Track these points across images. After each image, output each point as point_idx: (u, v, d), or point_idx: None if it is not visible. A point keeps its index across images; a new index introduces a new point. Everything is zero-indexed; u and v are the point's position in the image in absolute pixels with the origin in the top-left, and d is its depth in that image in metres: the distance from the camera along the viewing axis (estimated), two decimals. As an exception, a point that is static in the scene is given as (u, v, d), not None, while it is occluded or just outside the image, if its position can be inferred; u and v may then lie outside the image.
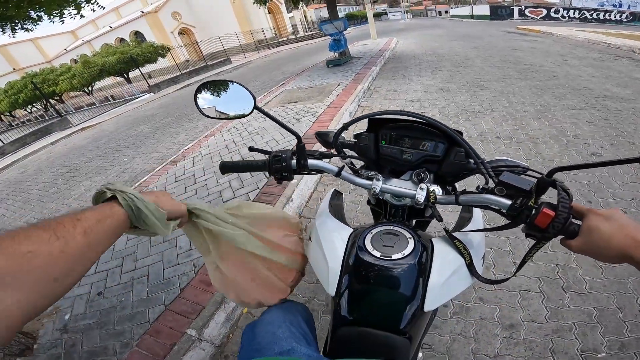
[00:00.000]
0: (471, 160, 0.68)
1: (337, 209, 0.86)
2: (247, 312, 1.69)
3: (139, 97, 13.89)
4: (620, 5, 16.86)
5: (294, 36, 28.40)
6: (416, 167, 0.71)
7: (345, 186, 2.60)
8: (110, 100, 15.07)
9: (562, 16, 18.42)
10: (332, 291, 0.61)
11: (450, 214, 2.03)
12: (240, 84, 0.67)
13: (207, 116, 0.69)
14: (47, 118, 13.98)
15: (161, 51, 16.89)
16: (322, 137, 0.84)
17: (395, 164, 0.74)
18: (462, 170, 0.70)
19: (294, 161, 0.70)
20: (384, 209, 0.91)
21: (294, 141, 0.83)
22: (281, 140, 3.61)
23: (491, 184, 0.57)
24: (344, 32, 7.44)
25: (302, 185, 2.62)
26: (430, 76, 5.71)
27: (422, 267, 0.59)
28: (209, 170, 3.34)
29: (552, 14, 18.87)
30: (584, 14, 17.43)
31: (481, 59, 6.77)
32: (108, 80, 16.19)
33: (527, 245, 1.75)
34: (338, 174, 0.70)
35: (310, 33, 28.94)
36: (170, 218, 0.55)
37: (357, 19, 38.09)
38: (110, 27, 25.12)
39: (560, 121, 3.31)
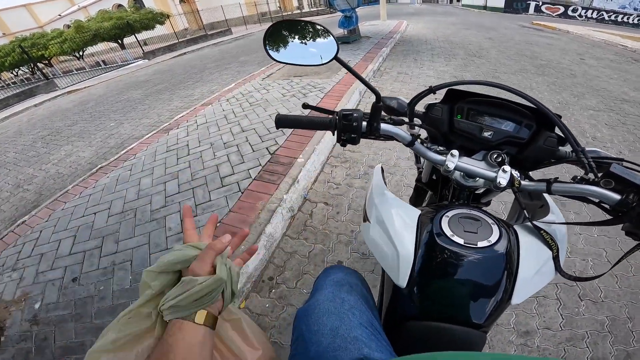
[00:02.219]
0: (562, 148, 0.63)
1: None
2: (244, 307, 1.55)
3: (132, 63, 13.57)
4: (641, 9, 16.47)
5: (298, 11, 27.26)
6: (492, 148, 0.64)
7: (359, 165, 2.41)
8: (101, 66, 14.80)
9: (580, 15, 17.99)
10: (402, 282, 0.54)
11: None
12: (323, 27, 0.60)
13: (276, 60, 0.62)
14: (33, 81, 13.70)
15: (160, 18, 16.46)
16: (384, 102, 0.77)
17: (469, 141, 0.67)
18: (549, 157, 0.63)
19: (365, 123, 0.61)
20: (439, 190, 0.86)
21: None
22: (296, 106, 3.41)
23: (591, 176, 0.52)
24: (356, 9, 7.03)
25: (309, 166, 2.42)
26: (444, 62, 5.44)
27: (510, 257, 0.53)
28: (205, 141, 3.09)
29: (570, 12, 18.40)
30: (602, 14, 17.06)
31: (496, 50, 6.49)
32: (101, 46, 15.82)
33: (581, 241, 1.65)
34: (411, 144, 0.63)
35: (315, 9, 27.89)
36: None
37: None
38: (109, -8, 23.71)
39: (580, 121, 3.16)
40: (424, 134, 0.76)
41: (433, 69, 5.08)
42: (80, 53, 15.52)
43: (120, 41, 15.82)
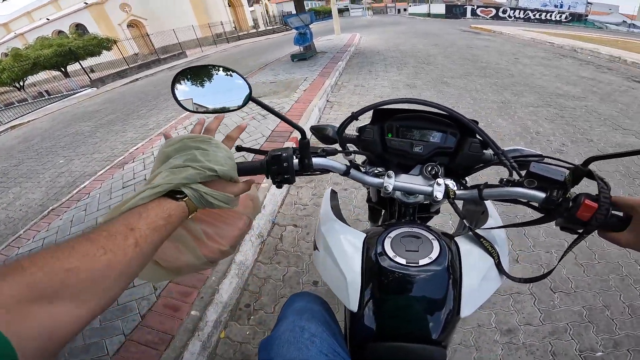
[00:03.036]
0: (486, 152, 0.65)
1: (336, 211, 0.78)
2: (224, 336, 1.48)
3: (78, 92, 12.75)
4: (562, 6, 18.62)
5: (254, 30, 27.45)
6: (425, 161, 0.66)
7: (321, 187, 2.40)
8: (45, 96, 13.68)
9: (509, 16, 19.98)
10: (354, 307, 0.54)
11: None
12: (233, 70, 0.56)
13: (187, 109, 0.57)
14: (-30, 118, 12.29)
15: (106, 44, 15.74)
16: (319, 131, 0.77)
17: (403, 158, 0.68)
18: (477, 162, 0.66)
19: (296, 161, 0.59)
20: (388, 208, 0.86)
21: (261, 139, 0.64)
22: (256, 130, 3.30)
23: (515, 176, 0.53)
24: (310, 26, 7.21)
25: (274, 189, 2.37)
26: (396, 72, 5.71)
27: (452, 270, 0.54)
28: (163, 177, 2.94)
29: (500, 14, 20.39)
30: (528, 14, 19.06)
31: (442, 56, 6.95)
32: (43, 75, 14.76)
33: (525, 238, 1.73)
34: (346, 173, 0.62)
35: (271, 27, 28.30)
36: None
37: (320, 15, 38.01)
38: (48, 19, 22.38)
39: (522, 118, 3.42)
40: (362, 157, 0.76)
41: (387, 79, 5.30)
42: (21, 83, 14.40)
43: (63, 69, 14.89)
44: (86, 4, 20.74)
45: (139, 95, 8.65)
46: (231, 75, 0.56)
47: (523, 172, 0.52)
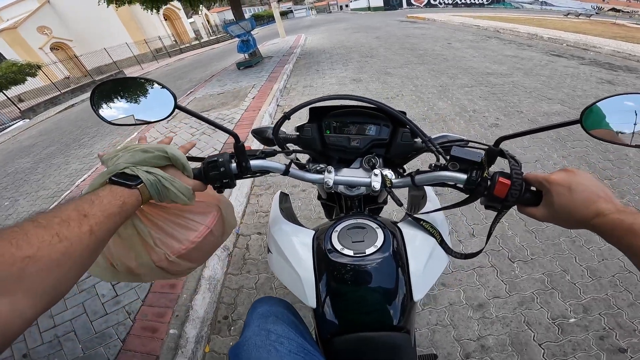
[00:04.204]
0: (417, 140, 0.68)
1: (288, 213, 0.80)
2: (209, 350, 1.46)
3: (10, 125, 11.41)
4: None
5: (197, 42, 26.45)
6: (364, 154, 0.69)
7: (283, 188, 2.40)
8: None
9: (439, 3, 21.35)
10: (312, 303, 0.56)
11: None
12: (153, 80, 0.55)
13: (112, 123, 0.55)
14: None
15: (29, 70, 14.27)
16: (260, 134, 0.79)
17: (343, 152, 0.71)
18: (410, 150, 0.69)
19: (234, 164, 0.59)
20: (337, 202, 0.88)
21: (221, 140, 0.64)
22: (207, 144, 3.19)
23: (442, 161, 0.56)
24: (252, 32, 7.12)
25: (233, 200, 2.32)
26: (342, 68, 5.86)
27: (399, 256, 0.56)
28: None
29: (432, 1, 21.72)
30: (456, -1, 20.49)
31: (384, 48, 7.25)
32: None
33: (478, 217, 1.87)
34: (286, 172, 0.63)
35: (215, 37, 27.49)
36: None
37: (263, 19, 37.62)
38: (-50, 47, 19.59)
39: (460, 99, 3.69)
40: (303, 157, 0.78)
41: (334, 76, 5.42)
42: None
43: (-17, 102, 13.23)
44: (-4, 29, 18.59)
45: (77, 123, 7.94)
46: (153, 87, 0.55)
47: (448, 157, 0.55)
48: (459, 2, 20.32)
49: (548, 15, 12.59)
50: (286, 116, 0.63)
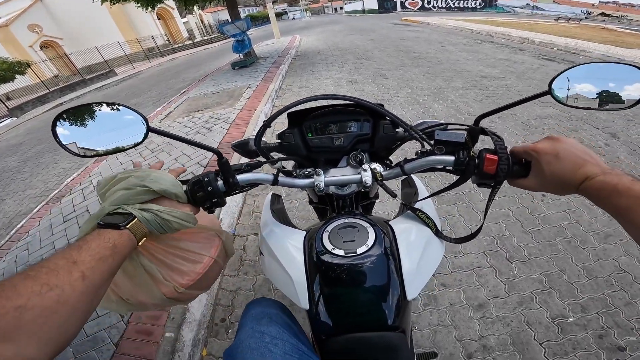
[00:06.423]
0: (398, 130, 0.69)
1: (280, 214, 0.79)
2: (206, 354, 1.43)
3: None
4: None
5: (190, 42, 26.24)
6: (349, 151, 0.68)
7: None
8: None
9: (433, 6, 21.66)
10: (304, 304, 0.55)
11: (384, 198, 2.01)
12: (119, 104, 0.50)
13: (81, 156, 0.50)
14: None
15: (18, 68, 14.09)
16: (241, 147, 0.78)
17: (328, 153, 0.71)
18: (394, 141, 0.70)
19: (221, 182, 0.57)
20: (329, 204, 0.88)
21: (209, 153, 0.64)
22: (193, 154, 3.15)
23: (427, 146, 0.56)
24: (247, 32, 7.09)
25: (229, 200, 2.28)
26: (338, 70, 5.87)
27: (391, 254, 0.56)
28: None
29: (426, 4, 22.01)
30: (449, 3, 20.81)
31: (378, 50, 7.29)
32: None
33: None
34: (275, 182, 0.61)
35: (209, 37, 27.35)
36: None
37: (258, 20, 37.58)
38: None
39: (455, 102, 3.72)
40: (289, 163, 0.77)
41: (330, 77, 5.42)
42: None
43: (-27, 100, 12.95)
44: (-14, 27, 18.20)
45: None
46: (119, 110, 0.50)
47: (432, 142, 0.56)
48: (452, 6, 20.65)
49: (539, 19, 12.85)
50: (266, 124, 0.62)
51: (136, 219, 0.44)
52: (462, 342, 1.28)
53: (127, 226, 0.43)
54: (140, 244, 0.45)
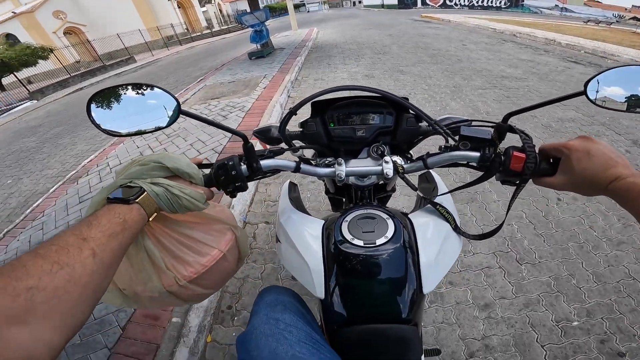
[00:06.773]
0: (422, 124, 0.69)
1: (297, 202, 0.79)
2: (211, 340, 1.46)
3: (18, 105, 11.70)
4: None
5: (208, 31, 26.39)
6: (370, 143, 0.68)
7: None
8: None
9: (455, 4, 21.04)
10: (320, 294, 0.55)
11: (398, 194, 2.00)
12: (154, 85, 0.51)
13: (113, 134, 0.51)
14: None
15: (41, 53, 14.48)
16: (263, 134, 0.78)
17: (350, 144, 0.71)
18: (416, 135, 0.70)
19: (244, 166, 0.58)
20: (346, 195, 0.88)
21: (223, 139, 0.64)
22: (208, 140, 3.20)
23: (451, 142, 0.56)
24: (265, 23, 7.09)
25: (242, 189, 2.33)
26: (355, 64, 5.81)
27: (409, 247, 0.55)
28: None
29: (448, 2, 21.40)
30: (472, 1, 20.16)
31: (397, 46, 7.18)
32: None
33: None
34: (297, 169, 0.62)
35: (226, 27, 27.45)
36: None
37: (276, 11, 37.42)
38: (-30, 31, 19.83)
39: (473, 100, 3.65)
40: (311, 151, 0.77)
41: (346, 71, 5.38)
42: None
43: (-4, 82, 13.57)
44: (14, 13, 18.77)
45: (85, 105, 8.00)
46: (154, 91, 0.51)
47: (457, 138, 0.55)
48: (476, 4, 19.99)
49: (567, 21, 12.34)
50: (292, 112, 0.62)
51: (146, 192, 0.44)
52: (465, 340, 1.29)
53: (137, 200, 0.42)
54: (150, 219, 0.45)
